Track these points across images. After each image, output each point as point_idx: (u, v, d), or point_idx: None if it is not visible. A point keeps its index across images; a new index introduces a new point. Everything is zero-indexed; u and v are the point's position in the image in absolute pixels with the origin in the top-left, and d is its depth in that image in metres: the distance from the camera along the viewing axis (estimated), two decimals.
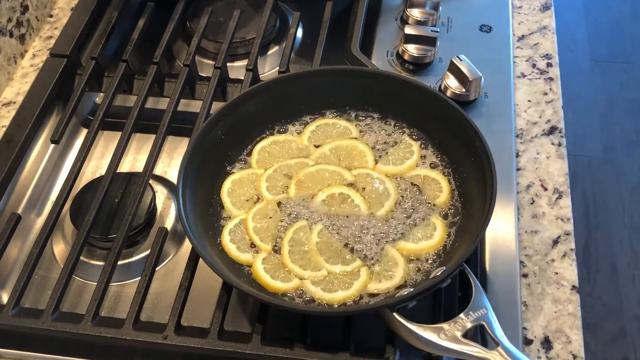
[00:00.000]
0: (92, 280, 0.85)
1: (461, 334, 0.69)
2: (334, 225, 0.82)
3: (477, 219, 0.77)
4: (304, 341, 0.74)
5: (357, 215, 0.82)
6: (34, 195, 0.97)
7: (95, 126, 0.94)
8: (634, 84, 2.55)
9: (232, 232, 0.82)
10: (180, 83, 0.98)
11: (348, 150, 0.88)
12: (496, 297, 0.81)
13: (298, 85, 0.90)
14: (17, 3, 1.10)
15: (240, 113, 0.88)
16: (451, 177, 0.85)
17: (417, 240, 0.79)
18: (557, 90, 1.03)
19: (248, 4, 1.13)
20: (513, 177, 0.92)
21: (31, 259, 0.81)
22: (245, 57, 1.05)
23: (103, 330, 0.76)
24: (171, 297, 0.79)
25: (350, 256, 0.79)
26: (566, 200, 0.91)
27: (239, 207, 0.85)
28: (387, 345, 0.74)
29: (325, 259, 0.79)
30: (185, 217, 0.77)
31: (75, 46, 1.05)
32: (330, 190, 0.84)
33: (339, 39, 1.06)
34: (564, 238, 0.88)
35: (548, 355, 0.79)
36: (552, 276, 0.85)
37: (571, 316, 0.81)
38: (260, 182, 0.86)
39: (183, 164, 0.81)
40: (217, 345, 0.74)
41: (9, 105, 1.06)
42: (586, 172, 2.33)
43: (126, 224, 0.84)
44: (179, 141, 1.00)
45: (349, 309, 0.76)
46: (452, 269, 0.72)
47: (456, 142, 0.85)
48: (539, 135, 0.98)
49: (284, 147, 0.90)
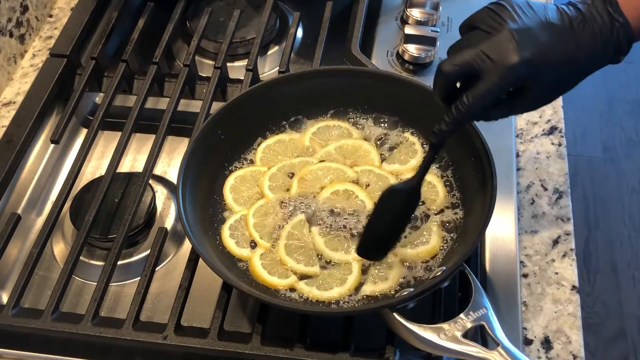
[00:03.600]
0: (92, 280, 0.85)
1: (461, 334, 0.69)
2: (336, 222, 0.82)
3: (477, 219, 0.77)
4: (304, 341, 0.74)
5: (361, 211, 0.83)
6: (34, 195, 0.97)
7: (95, 126, 0.94)
8: (634, 84, 2.55)
9: (232, 228, 0.83)
10: (180, 83, 0.98)
11: (353, 149, 0.89)
12: (496, 297, 0.81)
13: (298, 85, 0.90)
14: (17, 3, 1.10)
15: (240, 113, 0.88)
16: (451, 177, 0.85)
17: (414, 246, 0.80)
18: None
19: (248, 4, 1.13)
20: (513, 177, 0.92)
21: (31, 259, 0.81)
22: (245, 57, 1.05)
23: (103, 331, 0.76)
24: (171, 297, 0.79)
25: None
26: (566, 200, 0.91)
27: (241, 203, 0.85)
28: (387, 345, 0.74)
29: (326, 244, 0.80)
30: (185, 217, 0.77)
31: (75, 46, 1.05)
32: (333, 187, 0.84)
33: (339, 39, 1.06)
34: (564, 238, 0.88)
35: (548, 355, 0.79)
36: (552, 276, 0.85)
37: (571, 316, 0.81)
38: (263, 180, 0.86)
39: (183, 164, 0.81)
40: (217, 346, 0.74)
41: (9, 105, 1.06)
42: (586, 172, 2.33)
43: (126, 224, 0.84)
44: (179, 141, 1.00)
45: (349, 309, 0.76)
46: (452, 269, 0.72)
47: (456, 142, 0.85)
48: (539, 135, 0.98)
49: (289, 146, 0.90)
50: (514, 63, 0.66)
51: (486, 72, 0.66)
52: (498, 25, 0.67)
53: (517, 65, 0.66)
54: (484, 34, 0.68)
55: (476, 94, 0.67)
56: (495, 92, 0.67)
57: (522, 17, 0.68)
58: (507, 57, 0.66)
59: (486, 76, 0.66)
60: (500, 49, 0.66)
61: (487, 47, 0.67)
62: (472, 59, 0.67)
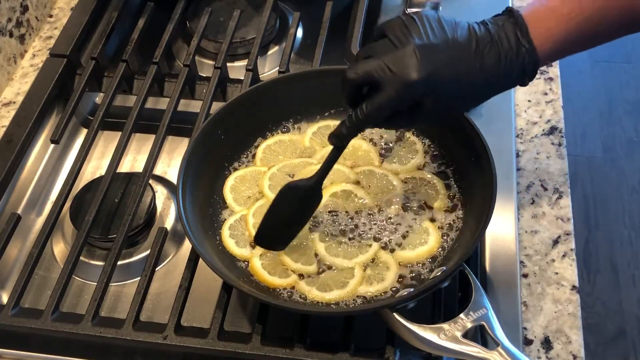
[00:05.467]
0: (92, 280, 0.85)
1: (461, 334, 0.69)
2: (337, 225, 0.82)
3: (477, 219, 0.77)
4: (304, 341, 0.74)
5: (362, 211, 0.83)
6: (34, 195, 0.97)
7: (95, 126, 0.94)
8: (634, 84, 2.55)
9: (232, 228, 0.83)
10: (180, 83, 0.98)
11: (353, 149, 0.88)
12: (496, 297, 0.81)
13: (298, 85, 0.90)
14: (17, 3, 1.10)
15: (240, 113, 0.88)
16: (451, 177, 0.85)
17: (413, 247, 0.80)
18: (557, 90, 1.03)
19: (248, 4, 1.13)
20: (513, 177, 0.92)
21: (31, 259, 0.81)
22: (245, 57, 1.05)
23: (103, 331, 0.76)
24: (171, 297, 0.79)
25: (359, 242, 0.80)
26: (566, 200, 0.91)
27: (241, 203, 0.85)
28: (387, 345, 0.74)
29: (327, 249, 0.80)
30: (185, 217, 0.77)
31: (75, 46, 1.05)
32: (334, 188, 0.84)
33: (339, 39, 1.06)
34: (564, 238, 0.88)
35: (548, 355, 0.79)
36: (552, 276, 0.85)
37: (571, 316, 0.81)
38: (263, 180, 0.86)
39: (183, 164, 0.81)
40: (217, 346, 0.74)
41: (9, 105, 1.06)
42: (586, 172, 2.33)
43: (126, 224, 0.84)
44: (179, 141, 1.00)
45: (349, 309, 0.76)
46: (452, 269, 0.72)
47: (456, 142, 0.85)
48: (539, 135, 0.98)
49: (289, 147, 0.90)
50: (412, 79, 0.67)
51: (385, 85, 0.68)
52: (404, 39, 0.68)
53: (415, 82, 0.67)
54: (391, 45, 0.69)
55: (374, 104, 0.69)
56: (392, 104, 0.69)
57: (429, 33, 0.68)
58: (406, 72, 0.67)
59: (385, 88, 0.68)
60: (402, 63, 0.67)
61: (390, 60, 0.68)
62: (374, 69, 0.68)
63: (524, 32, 0.70)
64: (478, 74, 0.69)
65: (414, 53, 0.67)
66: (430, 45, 0.68)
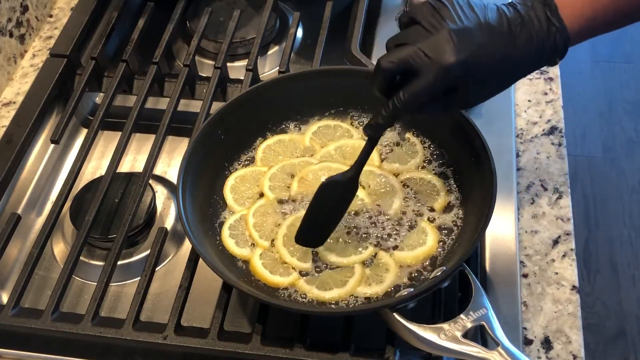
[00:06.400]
0: (92, 280, 0.85)
1: (461, 334, 0.69)
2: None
3: (477, 219, 0.77)
4: (304, 341, 0.74)
5: (361, 211, 0.83)
6: (34, 195, 0.97)
7: (95, 126, 0.94)
8: (634, 84, 2.55)
9: (232, 228, 0.83)
10: (180, 83, 0.98)
11: (353, 149, 0.88)
12: (496, 297, 0.81)
13: (298, 85, 0.90)
14: (17, 3, 1.10)
15: (240, 113, 0.88)
16: (451, 177, 0.85)
17: (412, 248, 0.80)
18: (557, 90, 1.03)
19: (248, 4, 1.13)
20: (513, 177, 0.92)
21: (31, 259, 0.81)
22: (245, 57, 1.05)
23: (103, 331, 0.76)
24: (171, 297, 0.79)
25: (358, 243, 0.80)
26: (566, 200, 0.91)
27: (241, 203, 0.85)
28: (387, 345, 0.74)
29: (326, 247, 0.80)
30: (185, 217, 0.77)
31: (75, 46, 1.05)
32: None
33: (339, 39, 1.06)
34: (564, 238, 0.88)
35: (548, 355, 0.79)
36: (552, 276, 0.85)
37: (571, 316, 0.81)
38: (263, 180, 0.86)
39: (183, 164, 0.81)
40: (217, 346, 0.74)
41: (9, 105, 1.06)
42: (586, 172, 2.33)
43: (126, 224, 0.84)
44: (179, 141, 1.00)
45: (349, 309, 0.76)
46: (452, 269, 0.72)
47: (456, 142, 0.85)
48: (539, 135, 0.98)
49: (289, 146, 0.90)
50: (451, 63, 0.67)
51: (423, 70, 0.68)
52: (438, 24, 0.68)
53: (453, 66, 0.67)
54: (424, 31, 0.69)
55: (412, 90, 0.69)
56: (431, 90, 0.69)
57: (461, 17, 0.69)
58: (444, 57, 0.67)
59: (423, 74, 0.68)
60: (439, 48, 0.67)
61: (426, 46, 0.68)
62: (410, 56, 0.68)
63: (553, 11, 0.70)
64: (512, 54, 0.69)
65: (449, 37, 0.67)
66: (464, 28, 0.68)
